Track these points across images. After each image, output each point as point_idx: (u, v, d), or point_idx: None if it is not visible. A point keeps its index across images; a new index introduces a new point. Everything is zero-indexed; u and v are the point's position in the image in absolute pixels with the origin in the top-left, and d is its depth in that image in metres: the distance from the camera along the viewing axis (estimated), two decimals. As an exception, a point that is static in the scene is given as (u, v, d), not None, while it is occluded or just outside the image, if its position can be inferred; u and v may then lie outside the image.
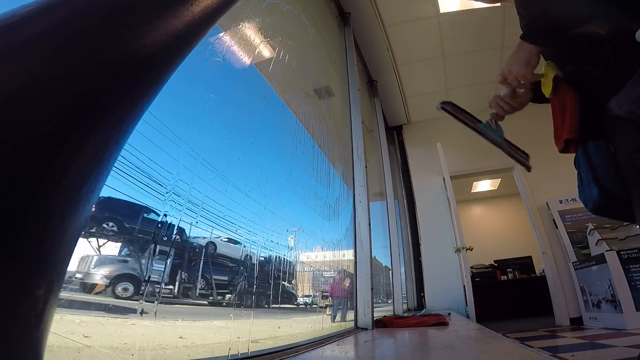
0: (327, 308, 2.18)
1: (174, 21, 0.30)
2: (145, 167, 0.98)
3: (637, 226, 1.11)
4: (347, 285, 2.24)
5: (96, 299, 0.99)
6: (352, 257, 2.15)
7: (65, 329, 0.80)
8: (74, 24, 0.24)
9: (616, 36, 0.93)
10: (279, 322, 1.38)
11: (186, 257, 1.22)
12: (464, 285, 3.58)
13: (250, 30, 1.62)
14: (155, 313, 0.96)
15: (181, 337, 1.06)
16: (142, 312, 0.96)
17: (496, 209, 6.94)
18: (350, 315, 2.02)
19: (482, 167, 4.37)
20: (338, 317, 2.17)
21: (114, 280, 1.05)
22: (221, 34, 1.37)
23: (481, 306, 3.35)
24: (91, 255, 1.03)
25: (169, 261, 1.05)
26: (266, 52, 1.74)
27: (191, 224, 1.06)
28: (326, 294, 2.29)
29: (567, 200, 3.85)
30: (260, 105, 1.74)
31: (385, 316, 2.42)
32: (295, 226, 1.68)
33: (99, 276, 1.02)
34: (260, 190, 1.41)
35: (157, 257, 1.02)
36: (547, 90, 1.22)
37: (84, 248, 1.00)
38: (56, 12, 0.24)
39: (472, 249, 3.54)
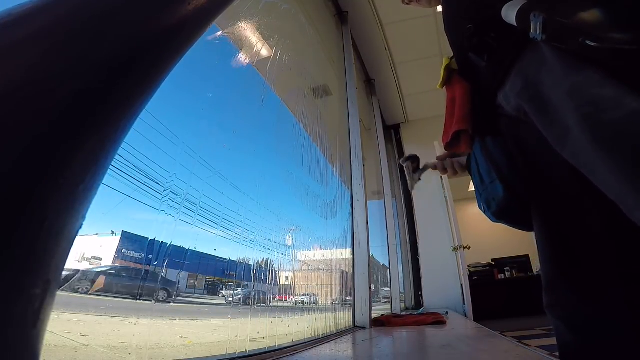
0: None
1: (171, 20, 0.30)
2: (143, 166, 0.98)
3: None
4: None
5: (94, 297, 0.98)
6: (350, 256, 2.15)
7: (62, 328, 0.80)
8: (70, 23, 0.24)
9: (499, 21, 0.81)
10: (277, 320, 1.38)
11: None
12: (462, 284, 3.59)
13: (248, 29, 1.62)
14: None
15: (181, 337, 1.06)
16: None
17: (493, 208, 6.95)
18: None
19: (480, 166, 4.36)
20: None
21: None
22: (219, 33, 1.37)
23: (479, 305, 3.36)
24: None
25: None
26: (264, 51, 1.74)
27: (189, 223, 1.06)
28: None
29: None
30: (258, 104, 1.73)
31: (383, 315, 2.43)
32: (293, 225, 1.68)
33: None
34: (258, 188, 1.41)
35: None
36: (440, 82, 1.19)
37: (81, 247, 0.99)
38: (52, 11, 0.24)
39: (469, 247, 3.55)
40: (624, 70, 0.63)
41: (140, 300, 0.98)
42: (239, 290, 1.36)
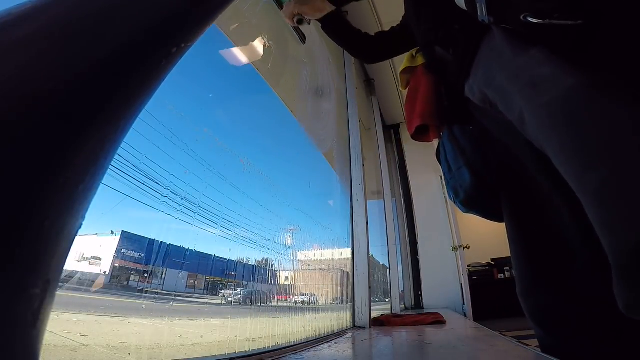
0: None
1: (171, 19, 0.30)
2: (142, 166, 0.98)
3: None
4: None
5: (94, 297, 0.98)
6: (350, 256, 2.15)
7: (61, 328, 0.80)
8: (70, 23, 0.24)
9: (462, 12, 0.76)
10: (277, 320, 1.38)
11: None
12: (461, 284, 3.59)
13: (247, 29, 1.62)
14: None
15: (180, 337, 1.06)
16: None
17: (493, 208, 6.94)
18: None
19: (479, 165, 4.36)
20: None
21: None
22: (218, 33, 1.37)
23: (478, 305, 3.36)
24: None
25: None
26: (264, 51, 1.74)
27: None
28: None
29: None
30: (258, 104, 1.74)
31: (382, 315, 2.43)
32: (292, 225, 1.68)
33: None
34: (258, 188, 1.41)
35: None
36: (402, 85, 1.20)
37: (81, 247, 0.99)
38: (51, 11, 0.23)
39: (469, 247, 3.55)
40: (566, 46, 0.60)
41: (140, 300, 0.98)
42: (239, 290, 1.36)
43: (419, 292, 4.00)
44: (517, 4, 0.61)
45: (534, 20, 0.58)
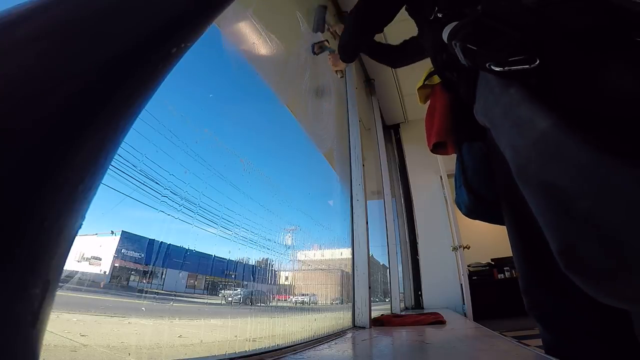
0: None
1: (170, 19, 0.30)
2: (142, 166, 0.98)
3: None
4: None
5: (94, 297, 0.98)
6: (350, 256, 2.15)
7: (61, 328, 0.80)
8: (70, 23, 0.24)
9: None
10: (277, 320, 1.38)
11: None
12: (461, 284, 3.59)
13: (248, 30, 1.62)
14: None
15: (180, 336, 1.06)
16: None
17: (493, 208, 6.93)
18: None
19: (479, 165, 4.36)
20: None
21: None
22: (218, 33, 1.37)
23: (478, 305, 3.36)
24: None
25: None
26: (264, 51, 1.74)
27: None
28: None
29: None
30: (258, 104, 1.74)
31: (382, 315, 2.43)
32: (292, 225, 1.68)
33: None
34: (258, 188, 1.41)
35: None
36: (420, 100, 1.25)
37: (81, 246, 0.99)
38: (52, 11, 0.23)
39: (469, 247, 3.55)
40: (538, 87, 0.63)
41: (140, 299, 0.98)
42: (239, 290, 1.36)
43: (419, 292, 4.00)
44: (481, 53, 0.67)
45: (497, 69, 0.64)
